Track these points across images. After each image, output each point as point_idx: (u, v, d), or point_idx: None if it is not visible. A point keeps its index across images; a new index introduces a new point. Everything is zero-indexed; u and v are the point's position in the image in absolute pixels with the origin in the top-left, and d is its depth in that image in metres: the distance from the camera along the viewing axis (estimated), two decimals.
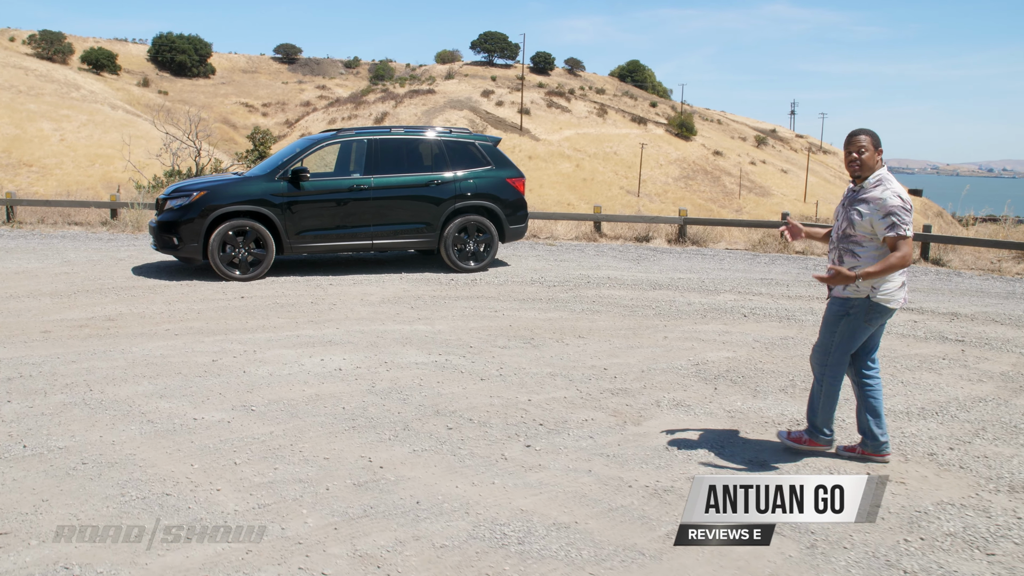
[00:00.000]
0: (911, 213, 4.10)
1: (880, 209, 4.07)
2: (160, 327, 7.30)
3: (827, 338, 4.35)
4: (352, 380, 5.80)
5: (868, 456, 4.50)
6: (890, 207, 4.04)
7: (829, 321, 4.33)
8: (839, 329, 4.28)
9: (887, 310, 4.21)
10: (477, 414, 5.16)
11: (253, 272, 9.78)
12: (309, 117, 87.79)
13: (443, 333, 7.37)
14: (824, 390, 4.41)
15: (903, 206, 4.05)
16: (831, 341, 4.33)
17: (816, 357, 4.43)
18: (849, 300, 4.22)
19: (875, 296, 4.16)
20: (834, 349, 4.32)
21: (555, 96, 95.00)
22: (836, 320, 4.29)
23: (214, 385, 5.56)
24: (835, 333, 4.29)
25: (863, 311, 4.19)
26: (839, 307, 4.26)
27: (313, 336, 7.08)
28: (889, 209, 4.04)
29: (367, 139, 10.42)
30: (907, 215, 4.06)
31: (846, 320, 4.24)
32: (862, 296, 4.17)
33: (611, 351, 6.89)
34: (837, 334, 4.29)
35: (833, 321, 4.30)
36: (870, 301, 4.17)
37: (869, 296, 4.16)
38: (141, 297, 8.64)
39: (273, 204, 9.80)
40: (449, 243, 10.57)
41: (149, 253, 11.79)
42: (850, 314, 4.22)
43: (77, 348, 6.45)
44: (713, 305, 8.90)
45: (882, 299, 4.17)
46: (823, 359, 4.38)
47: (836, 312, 4.28)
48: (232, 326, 7.41)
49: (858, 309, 4.20)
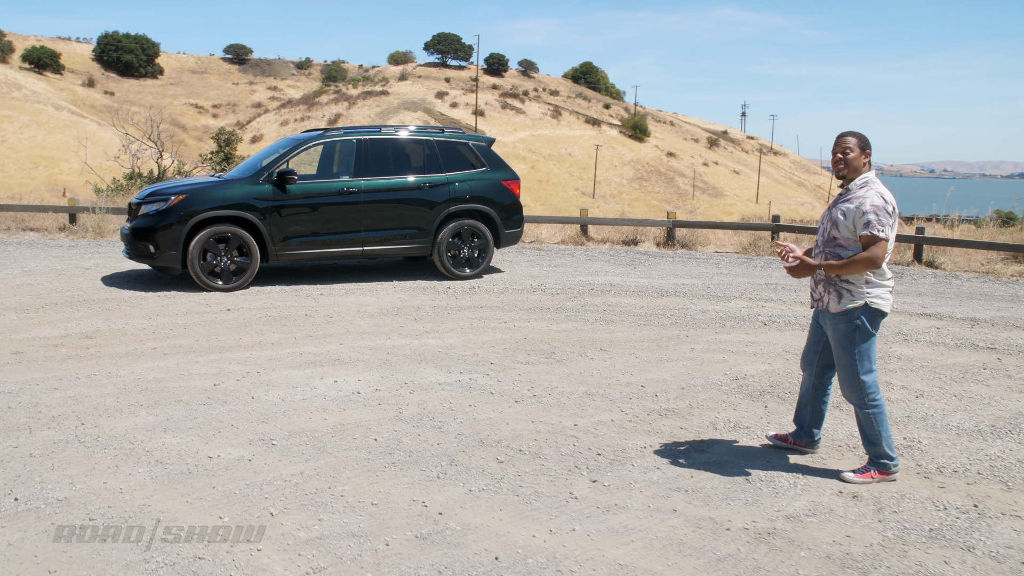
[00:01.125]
0: (893, 216, 3.95)
1: (862, 208, 3.95)
2: (145, 345, 6.62)
3: (849, 362, 4.10)
4: (375, 405, 5.23)
5: (799, 448, 4.55)
6: (872, 206, 3.93)
7: (843, 343, 4.10)
8: (857, 343, 4.06)
9: (884, 313, 4.08)
10: (524, 443, 4.64)
11: (236, 281, 9.09)
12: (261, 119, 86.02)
13: (456, 348, 6.82)
14: (874, 414, 4.12)
15: (884, 207, 3.93)
16: (854, 363, 4.09)
17: (848, 387, 4.15)
18: (851, 312, 4.04)
19: (873, 302, 4.02)
20: (861, 371, 4.08)
21: (509, 97, 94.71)
22: (849, 339, 4.08)
23: (222, 415, 4.93)
24: (854, 352, 4.07)
25: (867, 319, 4.04)
26: (844, 324, 4.08)
27: (317, 354, 6.47)
28: (870, 207, 3.93)
29: (356, 139, 9.79)
30: (887, 217, 3.92)
31: (859, 333, 4.05)
32: (860, 304, 4.02)
33: (641, 366, 6.43)
34: (857, 352, 4.07)
35: (847, 342, 4.09)
36: (870, 308, 4.03)
37: (867, 303, 4.02)
38: (117, 311, 7.91)
39: (257, 209, 9.12)
40: (443, 249, 10.01)
41: (117, 261, 10.99)
42: (859, 326, 4.04)
43: (57, 372, 5.75)
44: (728, 313, 8.50)
45: (880, 303, 4.03)
46: (855, 384, 4.11)
47: (844, 331, 4.09)
48: (225, 343, 6.76)
49: (864, 318, 4.04)
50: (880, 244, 3.89)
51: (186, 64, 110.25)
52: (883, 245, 3.90)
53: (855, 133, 4.10)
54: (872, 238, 3.91)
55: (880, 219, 3.90)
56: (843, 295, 4.04)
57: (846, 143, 4.07)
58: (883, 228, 3.89)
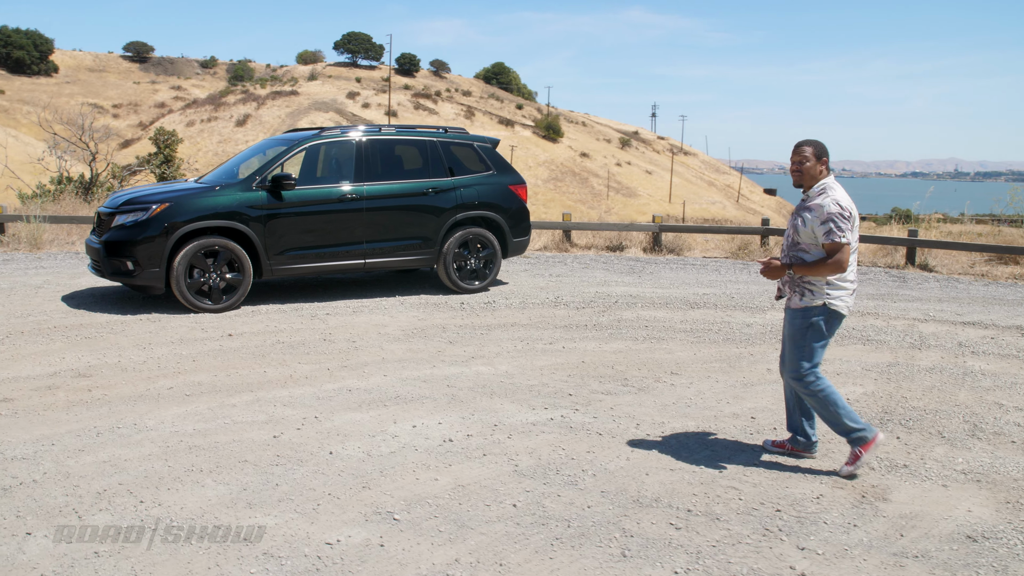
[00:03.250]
0: (851, 221, 4.07)
1: (820, 216, 4.07)
2: (157, 384, 5.56)
3: (797, 354, 4.27)
4: (480, 457, 4.39)
5: (799, 453, 4.52)
6: (827, 214, 4.05)
7: (795, 337, 4.27)
8: (808, 340, 4.22)
9: (841, 316, 4.22)
10: (685, 500, 3.91)
11: (227, 301, 8.00)
12: (165, 119, 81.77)
13: (516, 376, 6.04)
14: (826, 401, 4.23)
15: (841, 213, 4.05)
16: (801, 356, 4.25)
17: (791, 375, 4.30)
18: (809, 309, 4.20)
19: (831, 303, 4.16)
20: (805, 365, 4.23)
21: (422, 98, 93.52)
22: (803, 333, 4.23)
23: (309, 479, 4.01)
24: (803, 348, 4.23)
25: (823, 319, 4.18)
26: (801, 319, 4.23)
27: (367, 389, 5.57)
28: (827, 216, 4.05)
29: (356, 140, 8.81)
30: (845, 222, 4.05)
31: (811, 331, 4.20)
32: (818, 304, 4.16)
33: (730, 392, 5.79)
34: (806, 348, 4.22)
35: (800, 335, 4.24)
36: (827, 308, 4.17)
37: (826, 303, 4.16)
38: (100, 340, 6.76)
39: (250, 218, 8.05)
40: (449, 260, 9.14)
41: (70, 277, 9.66)
42: (813, 324, 4.19)
43: (69, 425, 4.67)
44: (773, 326, 7.97)
45: (839, 305, 4.17)
46: (797, 374, 4.26)
47: (799, 326, 4.24)
48: (251, 379, 5.77)
49: (820, 318, 4.18)
50: (844, 249, 4.04)
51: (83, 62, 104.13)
52: (846, 250, 4.04)
53: (811, 142, 4.21)
54: (835, 245, 4.05)
55: (839, 225, 4.02)
56: (804, 294, 4.19)
57: (803, 153, 4.19)
58: (843, 234, 4.02)
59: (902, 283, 11.17)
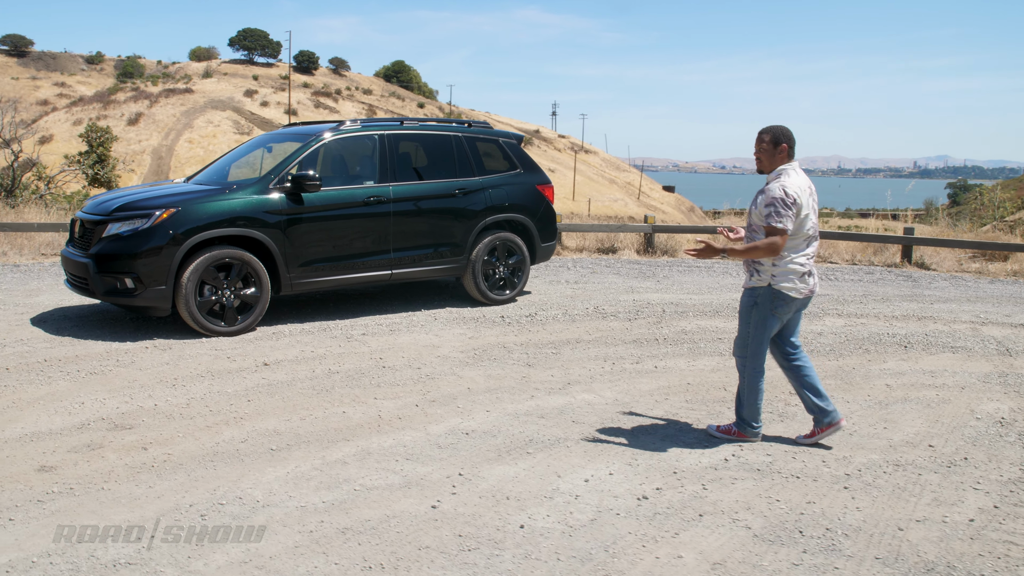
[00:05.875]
0: (791, 208, 4.16)
1: (765, 199, 4.22)
2: (224, 436, 4.47)
3: (743, 330, 4.50)
4: (697, 519, 3.58)
5: (825, 432, 4.52)
6: (772, 198, 4.18)
7: (743, 313, 4.47)
8: (752, 320, 4.40)
9: (789, 298, 4.31)
10: (987, 567, 3.22)
11: (243, 321, 6.84)
12: (49, 117, 76.16)
13: (631, 404, 5.27)
14: (747, 383, 4.48)
15: (783, 199, 4.15)
16: (747, 332, 4.46)
17: (737, 351, 4.55)
18: (755, 290, 4.37)
19: (775, 284, 4.29)
20: (751, 340, 4.43)
21: (322, 96, 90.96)
22: (748, 311, 4.43)
23: (528, 570, 3.10)
24: (747, 325, 4.44)
25: (768, 300, 4.32)
26: (748, 298, 4.43)
27: (486, 431, 4.65)
28: (770, 199, 4.19)
29: (378, 134, 7.75)
30: (784, 208, 4.15)
31: (756, 311, 4.38)
32: (764, 285, 4.32)
33: (870, 413, 5.20)
34: (752, 325, 4.41)
35: (746, 313, 4.45)
36: (771, 289, 4.30)
37: (770, 284, 4.30)
38: (112, 376, 5.54)
39: (268, 225, 6.91)
40: (478, 268, 8.21)
41: (25, 295, 8.20)
42: (758, 303, 4.36)
43: (154, 504, 3.56)
44: (847, 334, 7.46)
45: (784, 287, 4.27)
46: (743, 351, 4.50)
47: (747, 304, 4.43)
48: (332, 422, 4.75)
49: (764, 298, 4.33)
50: (778, 233, 4.14)
51: None
52: (781, 234, 4.14)
53: (770, 129, 4.36)
54: (771, 228, 4.17)
55: (778, 211, 4.14)
56: (753, 275, 4.37)
57: (762, 140, 4.35)
58: (780, 219, 4.13)
59: (915, 283, 10.95)
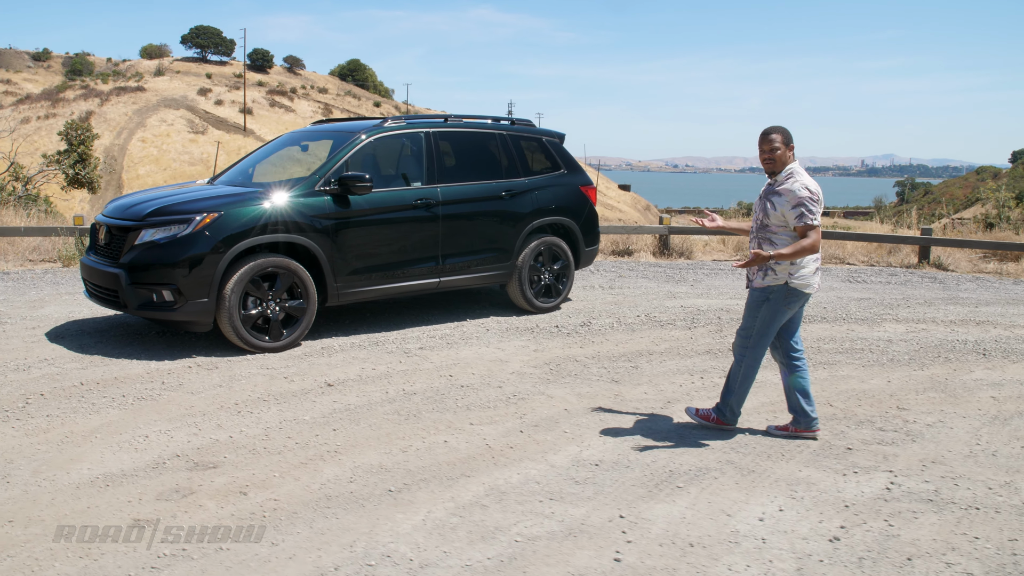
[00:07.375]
0: (819, 204, 4.23)
1: (791, 200, 4.22)
2: (323, 475, 3.92)
3: (749, 323, 4.49)
4: (905, 563, 3.16)
5: (799, 433, 4.59)
6: (799, 198, 4.20)
7: (751, 307, 4.47)
8: (760, 314, 4.42)
9: (803, 294, 4.39)
10: None
11: (288, 336, 6.24)
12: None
13: (745, 422, 4.85)
14: (743, 372, 4.52)
15: (811, 197, 4.20)
16: (752, 325, 4.47)
17: (738, 340, 4.55)
18: (769, 288, 4.37)
19: (792, 282, 4.33)
20: (755, 333, 4.46)
21: (277, 95, 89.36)
22: (757, 306, 4.43)
23: None
24: (756, 318, 4.44)
25: (782, 296, 4.36)
26: (759, 295, 4.42)
27: (616, 462, 4.18)
28: (798, 200, 4.20)
29: (424, 132, 7.20)
30: (814, 205, 4.21)
31: (767, 305, 4.39)
32: (780, 283, 4.34)
33: (995, 433, 4.85)
34: (759, 319, 4.42)
35: (755, 307, 4.45)
36: (788, 287, 4.34)
37: (787, 282, 4.33)
38: (166, 402, 4.93)
39: (316, 230, 6.33)
40: (525, 274, 7.72)
41: (30, 308, 7.47)
42: (770, 299, 4.38)
43: (294, 568, 3.01)
44: (917, 341, 7.15)
45: (799, 284, 4.33)
46: (744, 342, 4.51)
47: (757, 299, 4.43)
48: (439, 455, 4.23)
49: (777, 295, 4.36)
50: (815, 230, 4.20)
51: None
52: (818, 230, 4.21)
53: (779, 129, 4.34)
54: (808, 227, 4.20)
55: (809, 209, 4.18)
56: (768, 273, 4.37)
57: (773, 141, 4.31)
58: (814, 216, 4.19)
59: (943, 285, 10.74)
